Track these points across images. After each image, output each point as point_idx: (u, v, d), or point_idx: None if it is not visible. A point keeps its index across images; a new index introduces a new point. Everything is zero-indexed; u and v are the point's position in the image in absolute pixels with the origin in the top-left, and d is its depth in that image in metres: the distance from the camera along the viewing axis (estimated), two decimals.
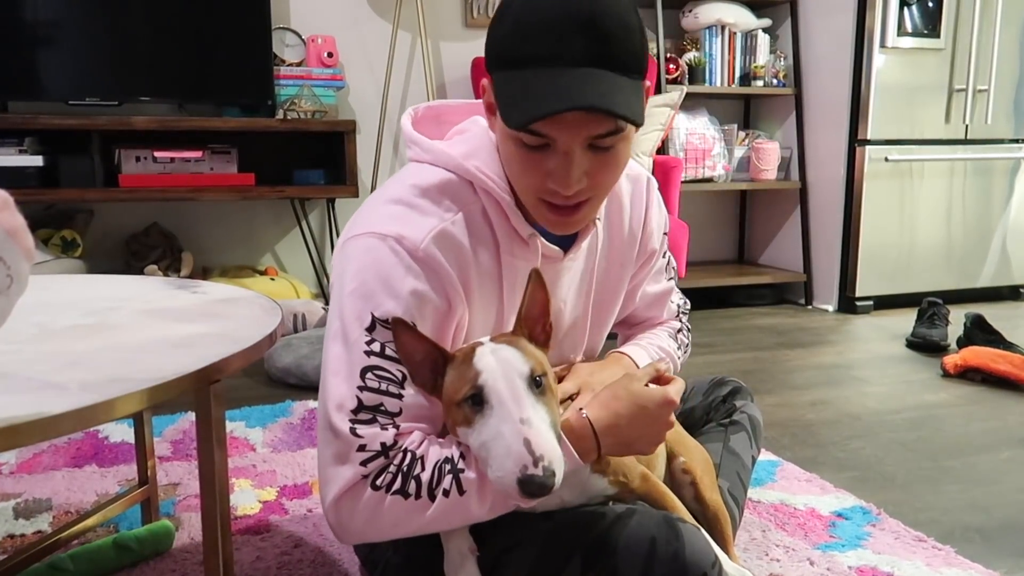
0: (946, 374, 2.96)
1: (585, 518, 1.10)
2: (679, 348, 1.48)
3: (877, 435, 2.34)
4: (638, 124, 1.02)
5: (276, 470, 2.03)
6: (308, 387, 2.73)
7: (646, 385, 1.12)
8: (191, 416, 2.35)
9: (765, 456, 2.14)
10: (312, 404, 2.51)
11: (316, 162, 3.65)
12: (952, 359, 2.98)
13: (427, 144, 1.19)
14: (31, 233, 0.80)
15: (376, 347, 1.05)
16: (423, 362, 1.06)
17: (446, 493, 1.02)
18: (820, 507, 1.83)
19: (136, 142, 3.34)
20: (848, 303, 4.13)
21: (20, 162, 3.13)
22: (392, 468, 1.03)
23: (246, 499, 1.85)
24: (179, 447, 2.17)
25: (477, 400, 0.99)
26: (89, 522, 1.56)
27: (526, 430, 0.95)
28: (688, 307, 1.55)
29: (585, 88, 0.96)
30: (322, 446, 1.07)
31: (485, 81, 1.09)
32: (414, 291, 1.06)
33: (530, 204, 1.11)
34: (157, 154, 3.30)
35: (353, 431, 1.03)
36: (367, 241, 1.08)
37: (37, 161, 3.14)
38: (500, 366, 1.00)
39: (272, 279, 3.56)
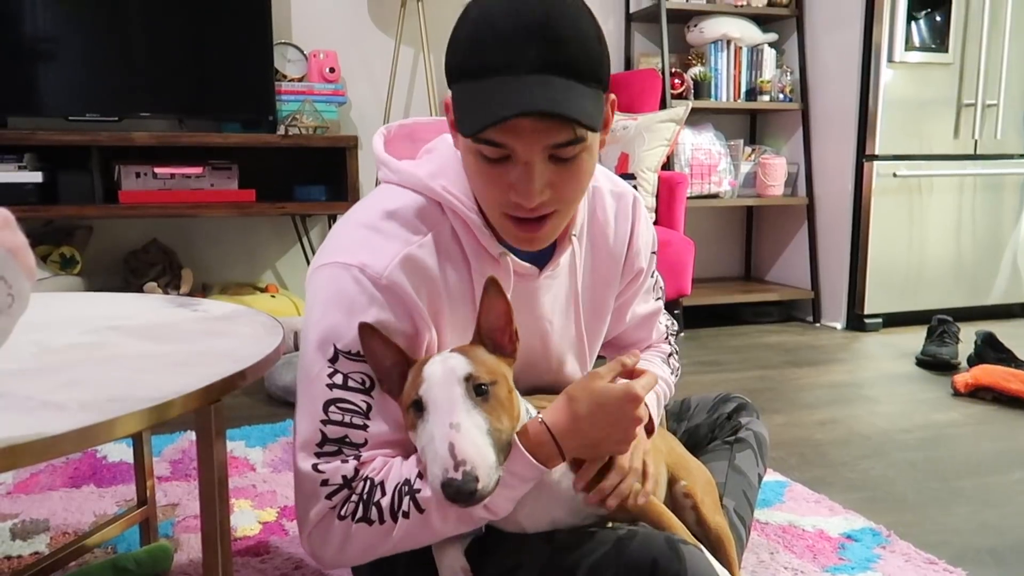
0: (957, 393, 2.93)
1: (586, 540, 1.09)
2: (672, 373, 1.46)
3: (887, 455, 2.32)
4: (594, 129, 1.00)
5: (276, 490, 2.01)
6: None
7: (612, 381, 1.10)
8: (191, 435, 2.33)
9: (773, 476, 2.11)
10: None
11: (317, 178, 3.63)
12: (963, 378, 2.94)
13: (395, 165, 1.18)
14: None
15: (339, 379, 1.06)
16: (392, 368, 1.07)
17: (406, 515, 1.04)
18: (829, 528, 1.81)
19: (136, 158, 3.33)
20: (857, 320, 4.10)
21: (19, 178, 3.12)
22: (354, 498, 1.05)
23: (246, 520, 1.84)
24: (178, 467, 2.16)
25: (419, 406, 1.01)
26: (87, 543, 1.55)
27: (453, 434, 0.96)
28: (675, 328, 1.54)
29: (537, 94, 0.96)
30: (295, 486, 1.09)
31: (447, 99, 1.08)
32: (377, 322, 1.06)
33: (495, 220, 1.10)
34: (157, 170, 3.29)
35: (315, 467, 1.05)
36: (332, 271, 1.09)
37: (36, 177, 3.14)
38: (443, 374, 1.01)
39: (273, 296, 3.54)
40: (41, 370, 0.99)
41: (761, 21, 4.34)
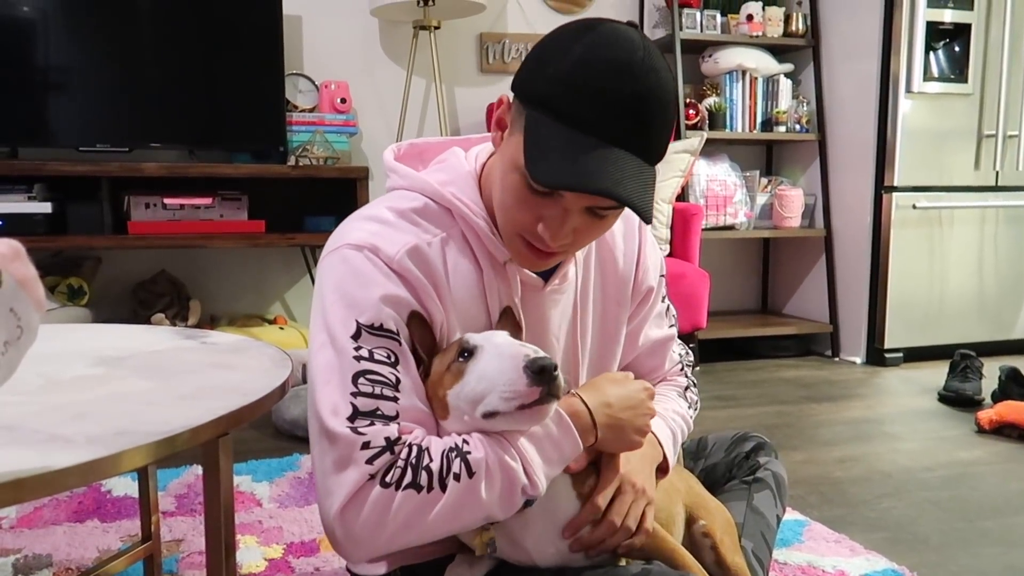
0: (981, 430, 2.90)
1: None
2: (690, 408, 1.43)
3: (909, 494, 2.29)
4: (649, 220, 1.04)
5: (283, 526, 1.99)
6: None
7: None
8: (196, 469, 2.33)
9: (791, 515, 2.08)
10: None
11: (328, 209, 3.61)
12: (987, 414, 2.91)
13: (404, 171, 1.21)
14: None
15: (365, 352, 1.05)
16: (428, 354, 1.10)
17: (457, 478, 1.01)
18: (850, 570, 1.78)
19: (146, 188, 3.33)
20: (877, 355, 4.05)
21: (29, 209, 3.13)
22: (400, 463, 1.01)
23: (251, 557, 1.82)
24: (183, 502, 2.14)
25: (466, 353, 1.04)
26: None
27: (518, 344, 1.03)
28: (691, 359, 1.51)
29: (622, 176, 0.98)
30: (320, 457, 1.04)
31: (506, 98, 1.10)
32: (394, 295, 1.08)
33: (508, 235, 1.12)
34: (167, 201, 3.28)
35: (354, 430, 1.01)
36: (343, 252, 1.10)
37: (46, 208, 3.14)
38: (490, 333, 1.08)
39: (281, 328, 3.53)
40: (48, 402, 0.99)
41: (777, 51, 4.33)
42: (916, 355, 4.05)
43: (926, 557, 1.87)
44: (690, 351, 1.51)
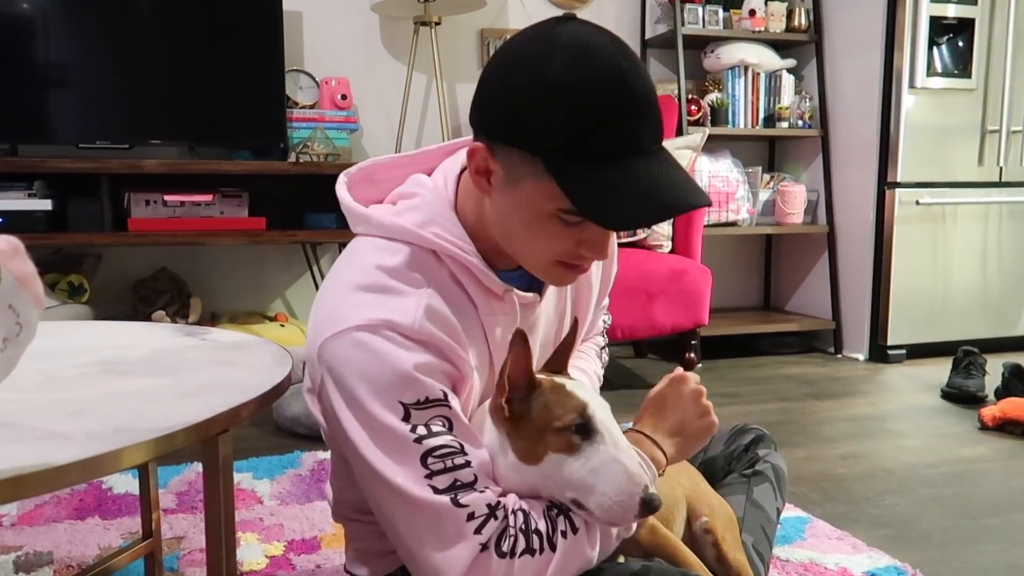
0: (984, 427, 2.89)
1: (599, 575, 1.08)
2: (601, 367, 1.50)
3: (912, 491, 2.28)
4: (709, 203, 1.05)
5: (284, 524, 1.99)
6: (318, 437, 2.66)
7: None
8: (197, 467, 2.33)
9: (794, 512, 2.08)
10: (322, 455, 2.48)
11: (328, 206, 3.56)
12: (990, 411, 2.90)
13: (376, 219, 1.13)
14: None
15: (422, 430, 1.00)
16: (512, 384, 1.06)
17: (564, 535, 1.02)
18: (852, 567, 1.78)
19: (146, 185, 3.32)
20: (879, 352, 4.04)
21: (29, 206, 3.12)
22: (511, 530, 1.00)
23: (252, 554, 1.82)
24: (184, 499, 2.14)
25: (584, 429, 1.02)
26: None
27: (636, 456, 1.04)
28: (610, 321, 1.58)
29: (676, 179, 0.99)
30: (417, 537, 1.00)
31: (480, 147, 1.04)
32: (425, 363, 1.03)
33: (543, 265, 1.09)
34: (167, 198, 3.27)
35: (455, 501, 0.99)
36: (355, 336, 1.02)
37: (46, 205, 3.14)
38: (596, 399, 1.06)
39: (282, 325, 3.52)
40: (48, 399, 0.99)
41: (779, 47, 4.32)
42: (919, 352, 4.04)
43: (929, 554, 1.86)
44: (610, 314, 1.56)
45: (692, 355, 3.51)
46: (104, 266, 3.55)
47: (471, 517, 0.98)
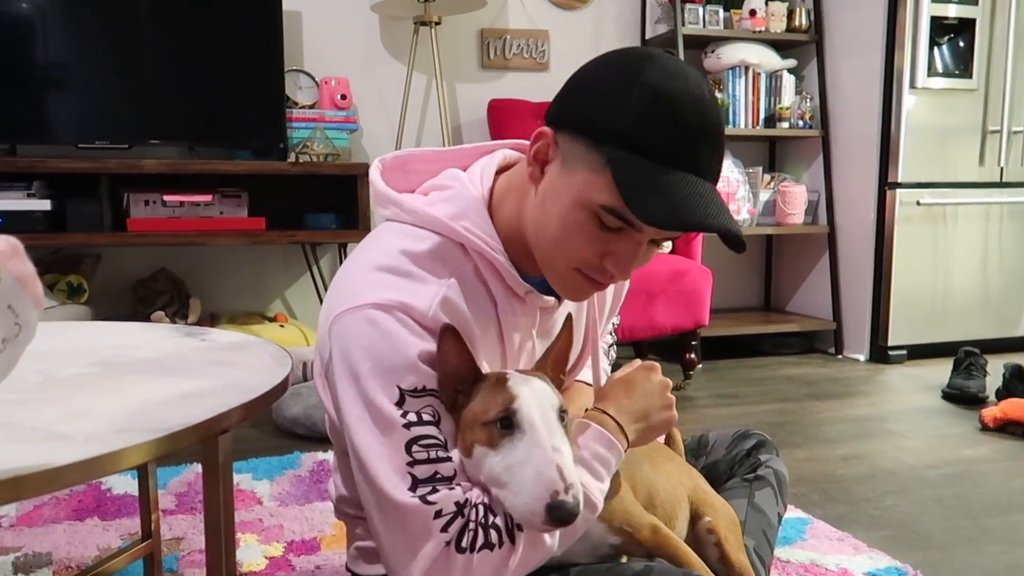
0: (985, 427, 2.89)
1: (601, 574, 1.10)
2: (610, 364, 1.53)
3: (913, 492, 2.28)
4: (744, 248, 1.06)
5: (283, 524, 1.99)
6: (317, 438, 2.68)
7: None
8: (197, 468, 2.33)
9: (795, 513, 2.08)
10: (322, 455, 2.48)
11: (328, 206, 3.61)
12: (991, 412, 2.90)
13: (408, 204, 1.15)
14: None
15: (412, 417, 1.02)
16: (453, 375, 1.05)
17: (521, 527, 1.02)
18: (853, 568, 1.77)
19: (145, 186, 3.31)
20: (880, 352, 4.03)
21: (28, 206, 3.12)
22: (472, 525, 1.01)
23: (252, 555, 1.81)
24: (184, 500, 2.14)
25: (507, 423, 1.00)
26: None
27: (558, 457, 0.97)
28: (618, 320, 1.60)
29: (716, 205, 1.00)
30: (388, 534, 1.03)
31: (548, 132, 1.07)
32: (429, 353, 1.05)
33: (561, 270, 1.09)
34: (166, 198, 3.27)
35: (424, 500, 1.00)
36: (368, 314, 1.04)
37: (45, 205, 3.13)
38: (534, 395, 1.02)
39: (282, 326, 3.51)
40: (47, 400, 0.99)
41: (780, 47, 4.31)
42: (920, 352, 4.04)
43: (929, 555, 1.86)
44: (619, 315, 1.59)
45: (692, 356, 3.49)
46: (103, 266, 3.54)
47: (438, 515, 0.99)
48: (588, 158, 1.01)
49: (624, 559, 1.15)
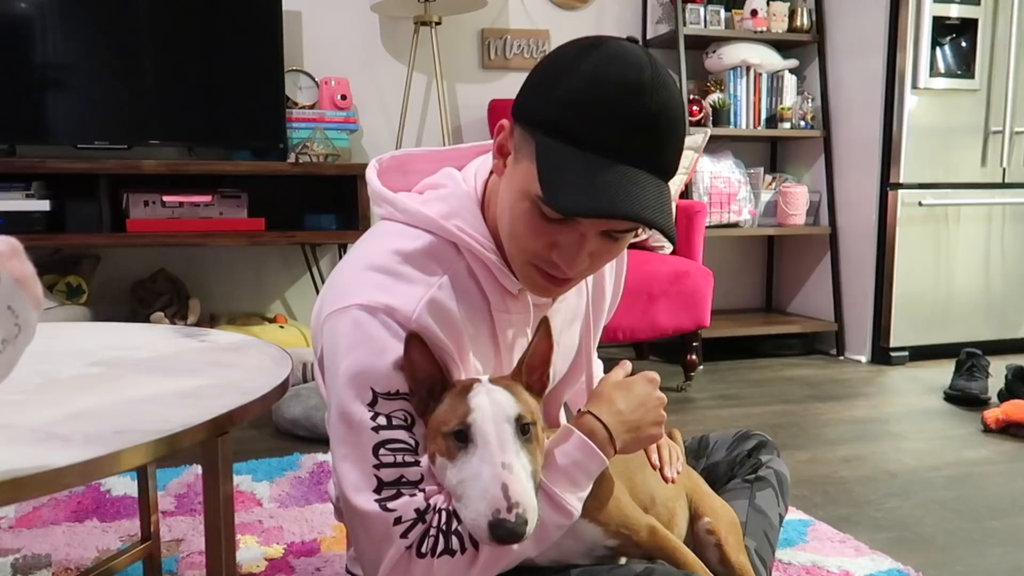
0: (987, 429, 2.88)
1: None
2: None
3: (915, 493, 2.27)
4: (674, 241, 1.02)
5: (283, 526, 1.99)
6: (317, 439, 2.67)
7: None
8: (196, 469, 2.34)
9: (796, 515, 2.07)
10: (322, 457, 2.47)
11: (328, 207, 3.60)
12: (993, 413, 2.89)
13: (401, 204, 1.16)
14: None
15: (382, 420, 1.03)
16: (423, 381, 1.05)
17: None
18: (855, 570, 1.77)
19: (144, 186, 3.31)
20: (882, 354, 4.02)
21: (27, 206, 3.11)
22: (432, 531, 1.02)
23: (251, 556, 1.81)
24: (183, 501, 2.14)
25: (462, 436, 1.00)
26: None
27: (505, 475, 0.96)
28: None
29: (642, 198, 0.97)
30: (355, 538, 1.06)
31: (507, 124, 1.07)
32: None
33: (520, 265, 1.09)
34: (166, 198, 3.26)
35: (383, 506, 1.01)
36: (354, 314, 1.06)
37: (44, 205, 3.13)
38: (491, 407, 1.01)
39: (281, 327, 3.51)
40: (46, 401, 0.99)
41: (781, 47, 4.30)
42: (922, 354, 4.03)
43: (932, 557, 1.86)
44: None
45: (694, 357, 3.48)
46: (102, 267, 3.54)
47: (398, 522, 1.00)
48: (528, 147, 1.01)
49: (623, 561, 1.15)
